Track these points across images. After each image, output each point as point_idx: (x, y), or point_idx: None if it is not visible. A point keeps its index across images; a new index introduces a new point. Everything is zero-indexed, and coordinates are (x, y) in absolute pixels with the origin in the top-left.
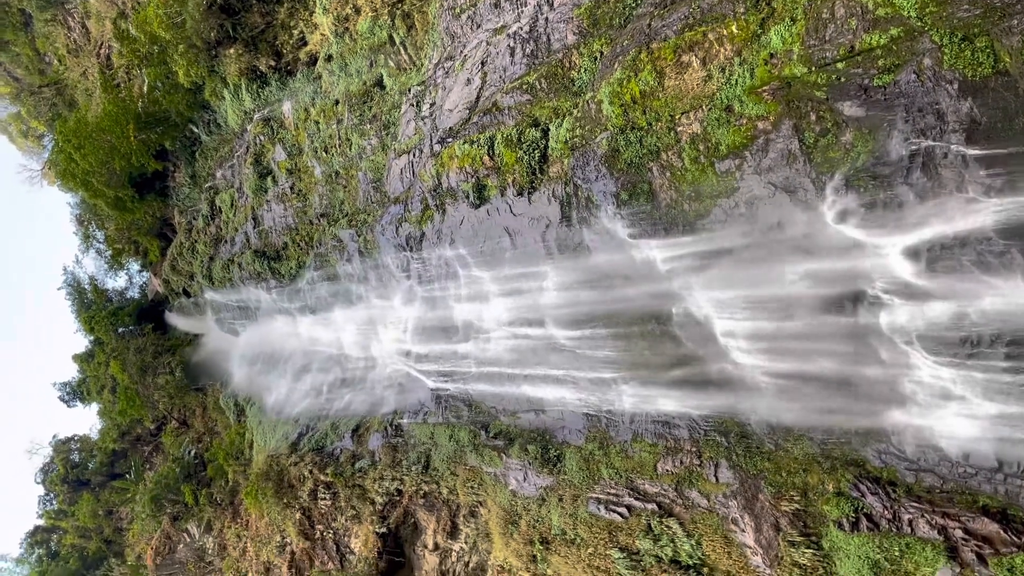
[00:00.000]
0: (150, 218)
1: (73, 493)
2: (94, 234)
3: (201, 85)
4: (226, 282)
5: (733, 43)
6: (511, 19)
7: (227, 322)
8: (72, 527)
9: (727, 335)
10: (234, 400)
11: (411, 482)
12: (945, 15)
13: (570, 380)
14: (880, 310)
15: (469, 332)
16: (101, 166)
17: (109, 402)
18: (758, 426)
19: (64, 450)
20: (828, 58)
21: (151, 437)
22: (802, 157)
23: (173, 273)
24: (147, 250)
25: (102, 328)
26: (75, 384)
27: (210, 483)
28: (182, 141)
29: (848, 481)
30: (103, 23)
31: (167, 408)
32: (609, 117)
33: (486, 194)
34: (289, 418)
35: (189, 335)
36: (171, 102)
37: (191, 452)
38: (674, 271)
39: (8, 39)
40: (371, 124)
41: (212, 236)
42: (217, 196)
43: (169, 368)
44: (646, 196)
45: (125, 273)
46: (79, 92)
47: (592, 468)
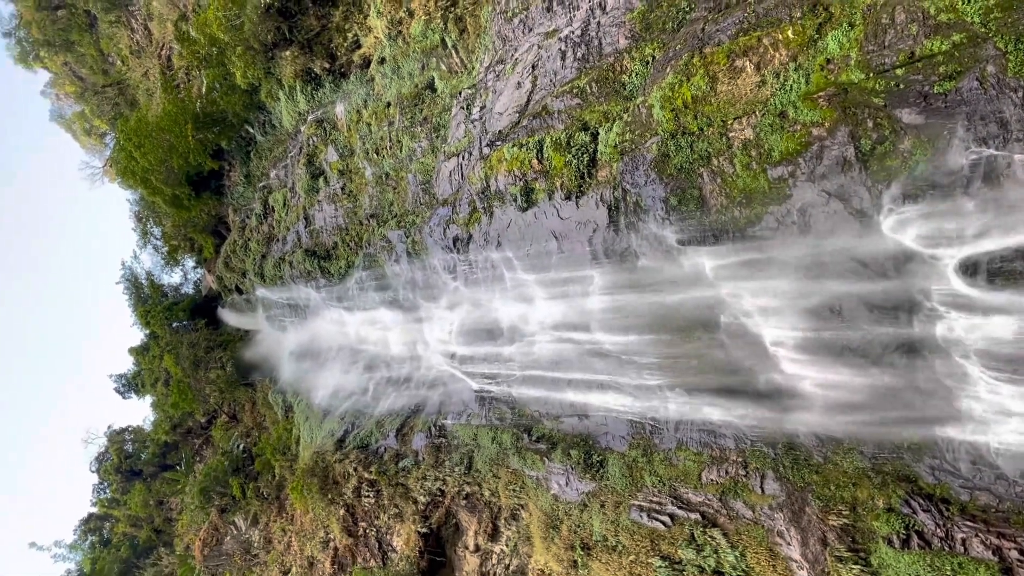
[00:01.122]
0: (205, 216)
1: (126, 483)
2: (152, 230)
3: (257, 86)
4: (277, 280)
5: (788, 48)
6: (563, 23)
7: (277, 319)
8: (124, 516)
9: (776, 344)
10: (282, 396)
11: (453, 483)
12: (1010, 21)
13: (614, 386)
14: (936, 322)
15: (514, 335)
16: (160, 164)
17: (162, 395)
18: (806, 438)
19: (118, 440)
20: (887, 64)
21: (202, 430)
22: (858, 164)
23: (226, 270)
24: (202, 247)
25: (157, 322)
26: (130, 376)
27: (257, 477)
28: (238, 141)
29: (899, 497)
30: (165, 25)
31: (218, 402)
32: (660, 122)
33: (534, 197)
34: (335, 415)
35: (240, 331)
36: (228, 103)
37: (240, 446)
38: (723, 278)
39: (74, 40)
40: (421, 126)
41: (265, 234)
42: (270, 195)
43: (220, 363)
44: (696, 202)
45: (180, 269)
46: (140, 92)
47: (635, 475)
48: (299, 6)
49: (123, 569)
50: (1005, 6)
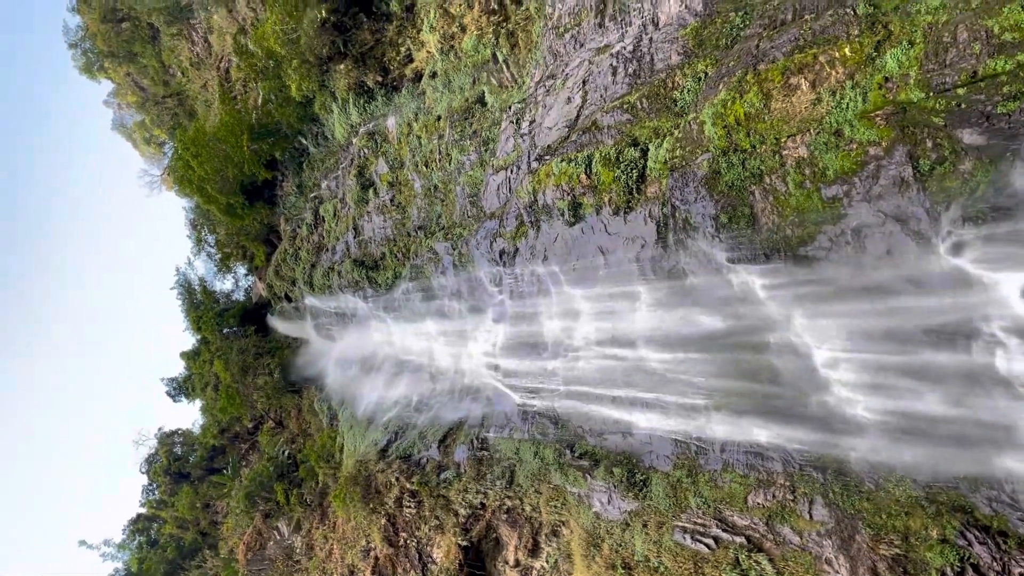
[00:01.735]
0: (258, 225)
1: (174, 484)
2: (206, 238)
3: (311, 99)
4: (325, 289)
5: (845, 66)
6: (615, 39)
7: (324, 328)
8: (171, 517)
9: (828, 367)
10: (328, 404)
11: (494, 496)
12: None
13: (660, 404)
14: (996, 350)
15: (558, 349)
16: (216, 174)
17: (211, 399)
18: (857, 464)
19: (168, 443)
20: (948, 83)
21: (248, 435)
22: (916, 185)
23: (276, 278)
24: (253, 255)
25: (208, 328)
26: (181, 380)
27: (301, 484)
28: (291, 152)
29: (954, 528)
30: (224, 38)
31: (264, 408)
32: (711, 138)
33: (581, 212)
34: (379, 425)
35: (288, 338)
36: (283, 114)
37: (285, 452)
38: (773, 298)
39: (137, 51)
40: (471, 140)
41: (315, 244)
42: (321, 206)
43: (268, 369)
44: (747, 220)
45: (232, 276)
46: (199, 103)
47: (679, 496)
48: (354, 21)
49: (169, 570)
50: None
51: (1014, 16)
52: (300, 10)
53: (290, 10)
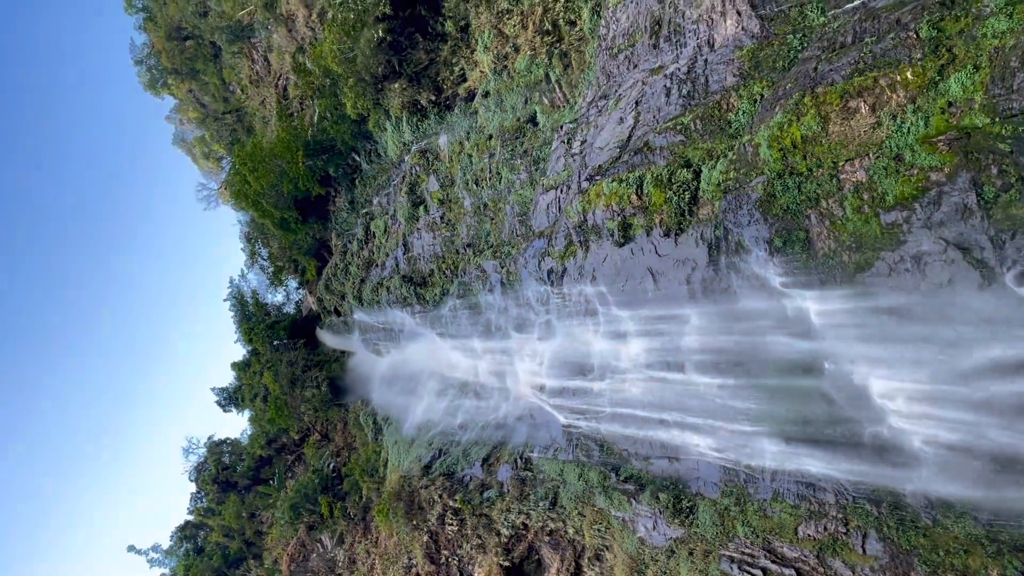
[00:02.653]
0: (310, 239)
1: (221, 493)
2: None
3: (366, 117)
4: (374, 304)
5: (907, 89)
6: (669, 60)
7: (372, 342)
8: (218, 526)
9: (884, 397)
10: (373, 418)
11: (537, 517)
12: None
13: (708, 429)
14: None
15: (605, 371)
16: (271, 188)
17: (260, 410)
18: (914, 498)
19: (217, 452)
20: (1015, 108)
21: (295, 447)
22: (980, 212)
23: (327, 292)
24: (305, 269)
25: (259, 339)
26: (231, 390)
27: (345, 497)
28: (344, 168)
29: (1016, 568)
30: (283, 57)
31: (311, 420)
32: (766, 161)
33: (631, 233)
34: (423, 440)
35: (336, 352)
36: (338, 132)
37: (330, 465)
38: (829, 324)
39: (199, 69)
40: (521, 159)
41: (365, 259)
42: (372, 222)
43: (316, 382)
44: (802, 244)
45: (284, 289)
46: (257, 119)
47: (727, 524)
48: (410, 41)
49: None
50: None
51: None
52: (357, 30)
53: (348, 30)
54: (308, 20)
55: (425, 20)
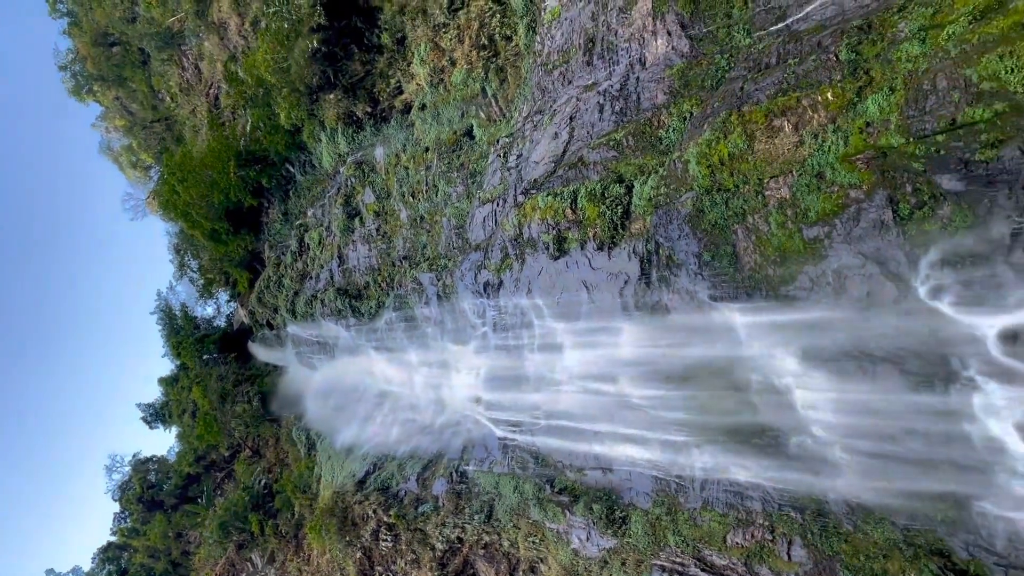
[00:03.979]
0: (242, 251)
1: (147, 513)
2: (189, 263)
3: (300, 127)
4: (308, 317)
5: (828, 110)
6: (602, 76)
7: (306, 356)
8: (142, 546)
9: (807, 407)
10: (306, 433)
11: (472, 531)
12: None
13: (640, 440)
14: (973, 393)
15: (540, 383)
16: (201, 199)
17: (188, 426)
18: (836, 505)
19: (142, 470)
20: (928, 130)
21: (225, 464)
22: (895, 228)
23: (259, 305)
24: (236, 281)
25: (188, 354)
26: (158, 406)
27: (276, 514)
28: (278, 179)
29: (931, 572)
30: (215, 65)
31: (242, 436)
32: (695, 177)
33: (566, 247)
34: (358, 455)
35: (269, 366)
36: (271, 142)
37: (261, 482)
38: (755, 336)
39: (127, 76)
40: (458, 172)
41: (299, 272)
42: (306, 233)
43: (247, 397)
44: (729, 258)
45: (214, 302)
46: (187, 128)
47: (658, 533)
48: (345, 52)
49: None
50: None
51: (992, 66)
52: (292, 39)
53: (282, 39)
54: (241, 29)
55: (361, 32)
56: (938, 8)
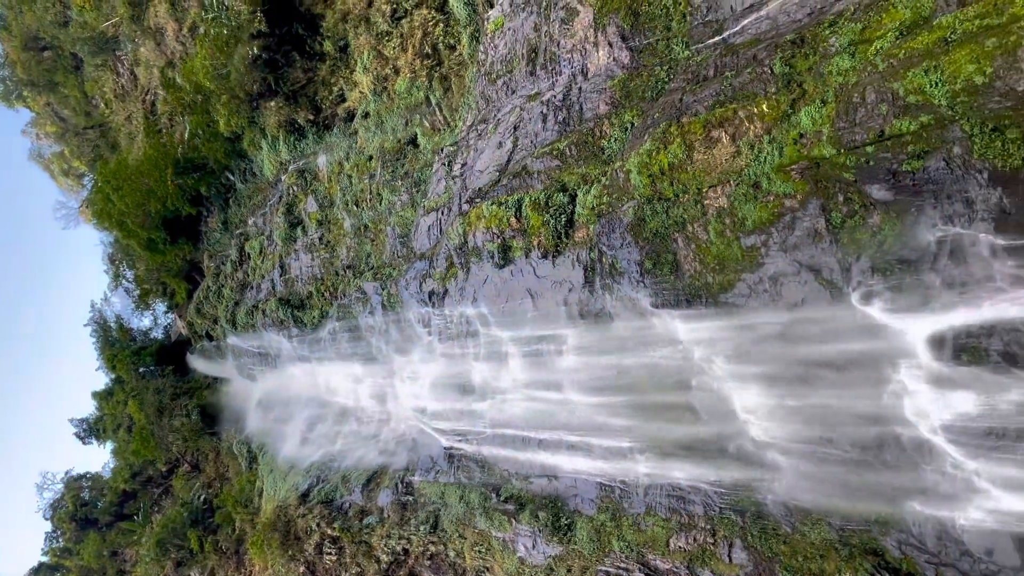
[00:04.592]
0: (180, 261)
1: (80, 531)
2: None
3: (240, 135)
4: (249, 328)
5: (763, 121)
6: (545, 87)
7: (247, 367)
8: (76, 566)
9: (746, 411)
10: (247, 447)
11: (418, 542)
12: (976, 105)
13: (585, 447)
14: (904, 396)
15: (486, 392)
16: (137, 208)
17: (124, 441)
18: (775, 507)
19: (75, 487)
20: (858, 141)
21: (162, 479)
22: (828, 237)
23: (198, 316)
24: (174, 292)
25: (123, 367)
26: (92, 421)
27: (217, 530)
28: (217, 188)
29: (866, 571)
30: (151, 71)
31: (180, 451)
32: (637, 187)
33: (511, 255)
34: (301, 468)
35: (208, 378)
36: (210, 150)
37: (200, 497)
38: (695, 342)
39: (58, 81)
40: (402, 181)
41: (239, 282)
42: (247, 243)
43: (186, 410)
44: (670, 266)
45: (151, 314)
46: (122, 135)
47: (603, 539)
48: (286, 59)
49: None
50: (970, 91)
51: (917, 80)
52: (231, 46)
53: (220, 46)
54: (178, 34)
55: (303, 39)
56: (867, 24)
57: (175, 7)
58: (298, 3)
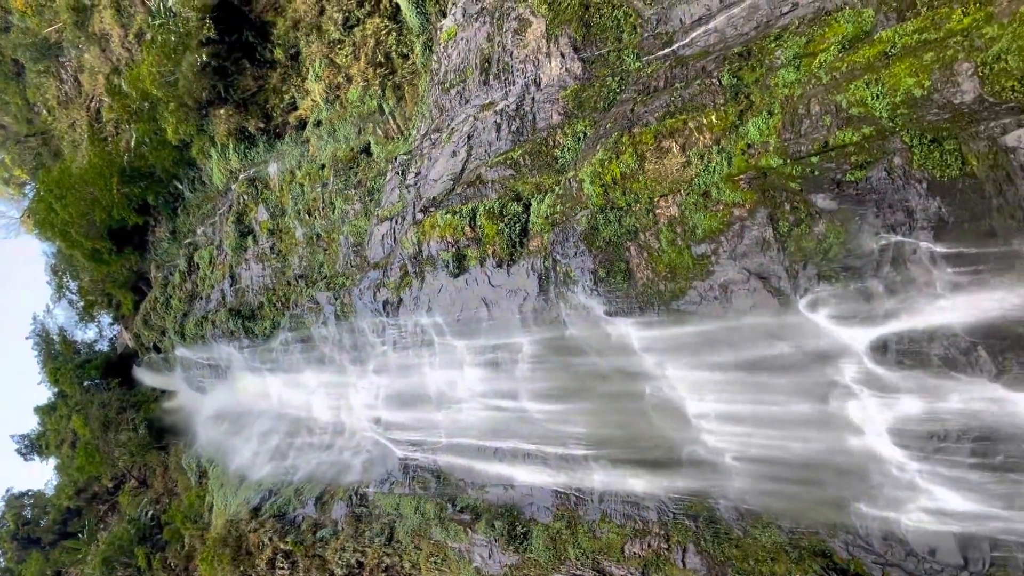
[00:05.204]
0: (126, 271)
1: (22, 551)
2: (67, 284)
3: (189, 143)
4: (198, 339)
5: (712, 132)
6: (499, 96)
7: (196, 380)
8: None
9: (698, 417)
10: (197, 460)
11: (373, 554)
12: (915, 117)
13: (541, 455)
14: (850, 400)
15: (441, 401)
16: (81, 217)
17: (68, 457)
18: (727, 511)
19: (17, 505)
20: (803, 151)
21: (108, 496)
22: (776, 245)
23: (145, 328)
24: (120, 303)
25: (67, 380)
26: (34, 437)
27: (165, 547)
28: (165, 196)
29: (815, 572)
30: (96, 78)
31: (127, 466)
32: (590, 196)
33: (466, 264)
34: (252, 482)
35: (156, 391)
36: (157, 158)
37: (148, 513)
38: (648, 350)
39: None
40: (356, 189)
41: (188, 292)
42: (196, 252)
43: (132, 424)
44: (623, 275)
45: (96, 325)
46: (65, 143)
47: (559, 547)
48: (236, 66)
49: None
50: (910, 103)
51: (859, 92)
52: (179, 53)
53: (168, 52)
54: (124, 40)
55: (253, 46)
56: (811, 37)
57: (121, 13)
58: (248, 10)
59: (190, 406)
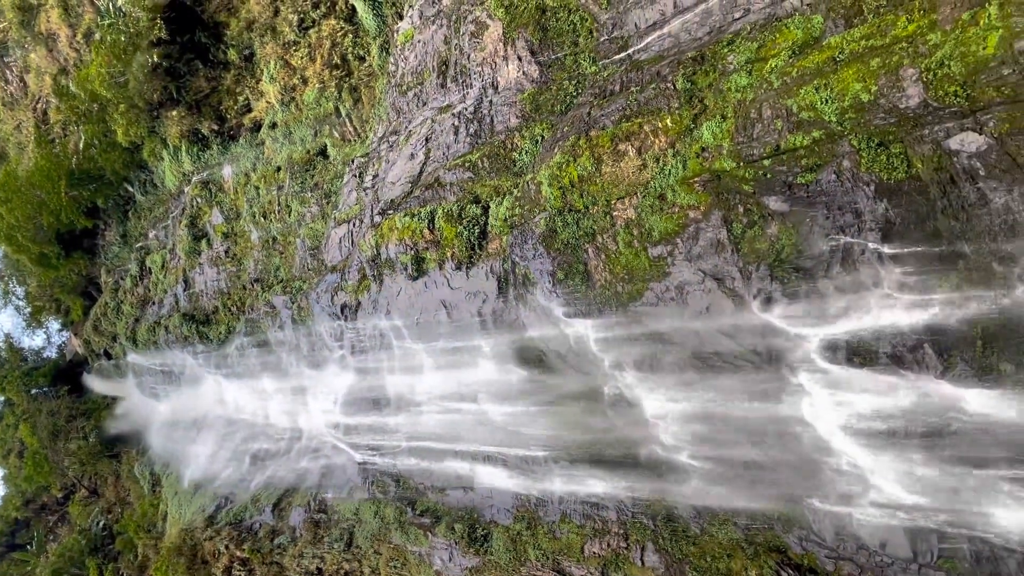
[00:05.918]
0: (75, 276)
1: None
2: (13, 290)
3: (140, 145)
4: (151, 345)
5: (667, 135)
6: (456, 99)
7: (149, 386)
8: None
9: (656, 417)
10: (150, 469)
11: (332, 560)
12: (863, 121)
13: (500, 457)
14: (803, 398)
15: (401, 405)
16: (28, 221)
17: (15, 467)
18: (684, 509)
19: None
20: (755, 155)
21: (58, 506)
22: (730, 246)
23: (95, 334)
24: (69, 309)
25: (14, 388)
26: None
27: (118, 557)
28: (115, 200)
29: (770, 568)
30: (42, 78)
31: (77, 475)
32: (548, 198)
33: (424, 267)
34: (208, 489)
35: (107, 398)
36: (107, 160)
37: (100, 523)
38: (606, 351)
39: None
40: (312, 192)
41: (140, 297)
42: (148, 257)
43: (83, 433)
44: (581, 276)
45: (44, 332)
46: (11, 145)
47: (519, 549)
48: (189, 67)
49: None
50: (858, 108)
51: (809, 97)
52: (129, 54)
53: (118, 53)
54: (72, 40)
55: (206, 47)
56: (762, 43)
57: (68, 12)
58: (201, 11)
59: (143, 413)
